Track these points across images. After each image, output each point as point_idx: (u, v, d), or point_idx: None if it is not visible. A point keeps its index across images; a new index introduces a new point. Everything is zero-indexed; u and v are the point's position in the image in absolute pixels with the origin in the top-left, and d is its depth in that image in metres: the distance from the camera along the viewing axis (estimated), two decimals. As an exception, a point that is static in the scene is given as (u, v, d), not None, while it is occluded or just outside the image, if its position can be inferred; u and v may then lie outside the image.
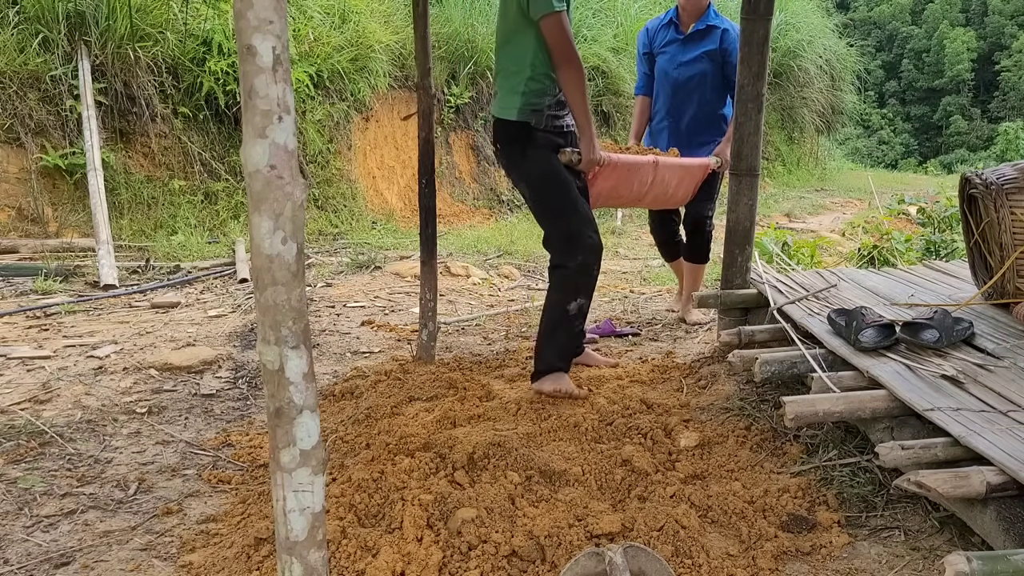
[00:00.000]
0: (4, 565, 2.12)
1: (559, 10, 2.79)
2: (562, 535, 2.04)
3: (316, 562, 1.22)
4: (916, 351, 2.68)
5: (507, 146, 3.08)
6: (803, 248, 5.75)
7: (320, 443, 1.21)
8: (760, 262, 3.86)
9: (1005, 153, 24.09)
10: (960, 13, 40.39)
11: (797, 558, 2.08)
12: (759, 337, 3.22)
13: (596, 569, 1.74)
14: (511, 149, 3.06)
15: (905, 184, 14.35)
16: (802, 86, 13.34)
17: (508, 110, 3.01)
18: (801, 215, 10.16)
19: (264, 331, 1.16)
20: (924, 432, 2.22)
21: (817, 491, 2.36)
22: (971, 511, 1.99)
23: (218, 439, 2.95)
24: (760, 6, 3.37)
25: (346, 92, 7.79)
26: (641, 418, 2.83)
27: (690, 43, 4.22)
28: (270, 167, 1.12)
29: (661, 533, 2.07)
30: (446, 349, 4.01)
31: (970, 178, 3.29)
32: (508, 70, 3.01)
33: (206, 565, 2.07)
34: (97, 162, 6.02)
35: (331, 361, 3.86)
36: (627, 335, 4.23)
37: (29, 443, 2.83)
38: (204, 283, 5.34)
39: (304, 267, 1.18)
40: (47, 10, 6.21)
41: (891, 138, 36.35)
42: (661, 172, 3.67)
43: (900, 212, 8.96)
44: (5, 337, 4.07)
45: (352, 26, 7.80)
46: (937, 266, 4.15)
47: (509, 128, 3.03)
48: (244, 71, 1.10)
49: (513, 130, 3.02)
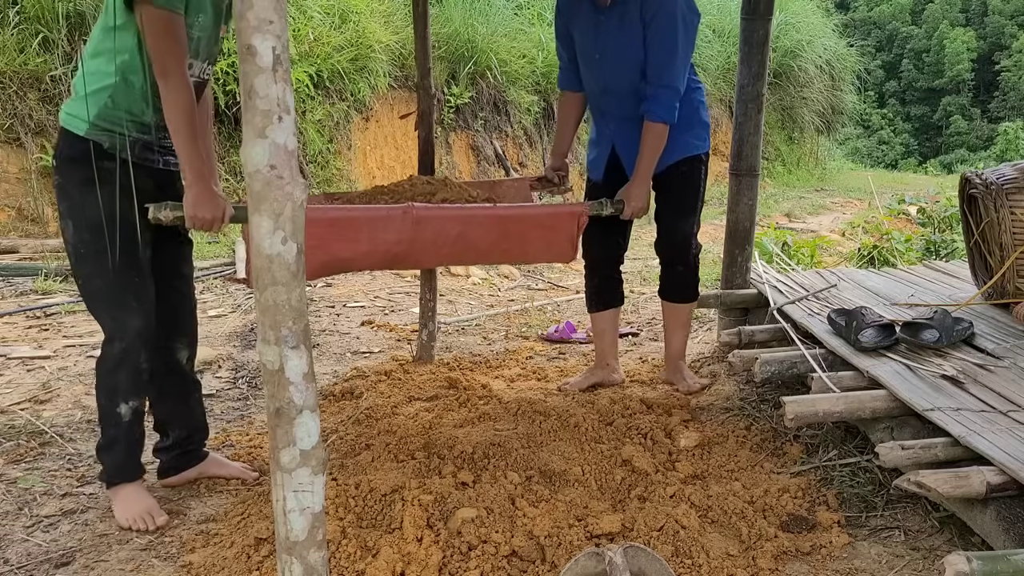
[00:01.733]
0: (4, 565, 2.12)
1: (160, 5, 2.05)
2: (562, 535, 2.04)
3: (316, 562, 1.22)
4: (916, 351, 2.68)
5: (65, 166, 2.22)
6: (803, 248, 5.75)
7: (320, 443, 1.21)
8: (760, 262, 3.86)
9: (1005, 153, 24.09)
10: (960, 13, 40.41)
11: (797, 558, 2.08)
12: (759, 337, 3.22)
13: (596, 569, 1.74)
14: (69, 171, 2.22)
15: (905, 184, 14.35)
16: (802, 86, 13.35)
17: (76, 120, 2.20)
18: (801, 215, 10.16)
19: (264, 331, 1.16)
20: (924, 432, 2.22)
21: (817, 491, 2.36)
22: (971, 511, 1.99)
23: (218, 439, 2.95)
24: (760, 6, 3.37)
25: (346, 92, 7.79)
26: (641, 418, 2.83)
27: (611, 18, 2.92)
28: (270, 167, 1.12)
29: (661, 533, 2.07)
30: (446, 349, 4.01)
31: (970, 178, 3.29)
32: (90, 68, 2.20)
33: (206, 565, 2.07)
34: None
35: (331, 361, 3.86)
36: (627, 335, 4.23)
37: (29, 443, 2.83)
38: (204, 283, 5.33)
39: (304, 267, 1.18)
40: (47, 10, 6.21)
41: (891, 138, 36.35)
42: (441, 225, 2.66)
43: (900, 212, 8.96)
44: (5, 337, 4.07)
45: (352, 26, 7.80)
46: (937, 266, 4.15)
47: (74, 145, 2.20)
48: (244, 71, 1.10)
49: (77, 149, 2.19)
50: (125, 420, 2.31)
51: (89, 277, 2.25)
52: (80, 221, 2.20)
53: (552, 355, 3.94)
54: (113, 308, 2.25)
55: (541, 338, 4.25)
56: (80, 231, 2.21)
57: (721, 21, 12.14)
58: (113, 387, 2.29)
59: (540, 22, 9.89)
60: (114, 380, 2.28)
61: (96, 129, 2.18)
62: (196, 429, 2.58)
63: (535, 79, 9.62)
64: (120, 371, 2.27)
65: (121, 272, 2.21)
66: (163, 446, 2.55)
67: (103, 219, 2.18)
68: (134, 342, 2.25)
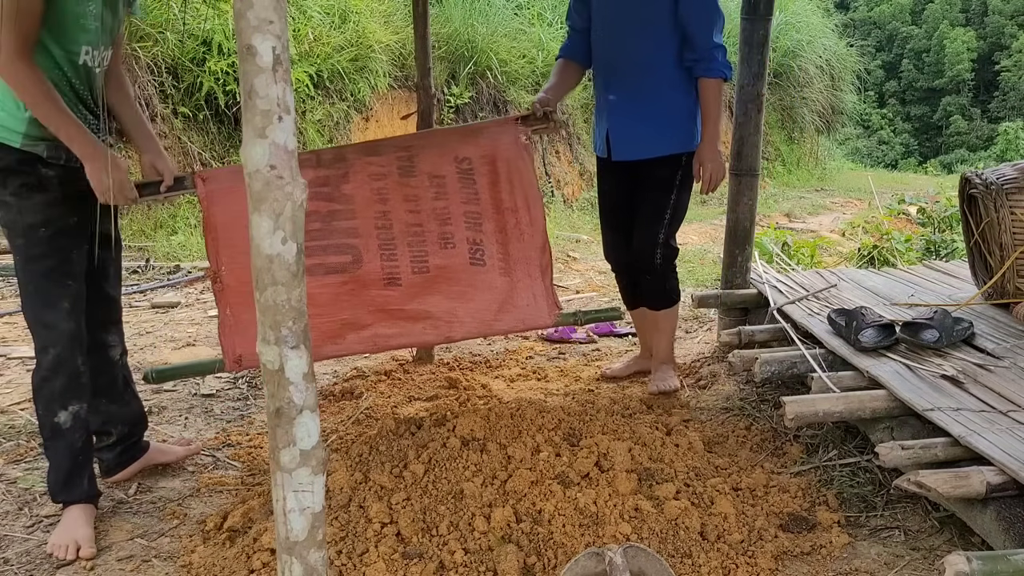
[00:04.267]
0: (4, 565, 2.12)
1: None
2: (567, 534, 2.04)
3: (316, 562, 1.22)
4: (916, 351, 2.69)
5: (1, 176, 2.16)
6: (803, 248, 5.75)
7: (320, 443, 1.21)
8: (760, 262, 3.86)
9: (1005, 153, 24.06)
10: (960, 13, 40.38)
11: (797, 558, 2.08)
12: (759, 337, 3.22)
13: (596, 569, 1.74)
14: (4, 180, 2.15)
15: (905, 184, 14.34)
16: (802, 86, 13.33)
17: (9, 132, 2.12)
18: (801, 215, 10.15)
19: (264, 331, 1.16)
20: (924, 432, 2.22)
21: (817, 491, 2.37)
22: (971, 511, 1.99)
23: (218, 439, 2.95)
24: (760, 6, 3.37)
25: (346, 92, 7.79)
26: (641, 418, 2.83)
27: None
28: (270, 167, 1.12)
29: (661, 533, 2.07)
30: (446, 349, 4.01)
31: (970, 178, 3.29)
32: None
33: (206, 565, 2.07)
34: None
35: (331, 361, 3.86)
36: (626, 335, 4.23)
37: (29, 443, 2.83)
38: (204, 283, 5.33)
39: (304, 267, 1.18)
40: (47, 10, 6.21)
41: (891, 138, 36.33)
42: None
43: (900, 212, 8.95)
44: (5, 337, 4.08)
45: (352, 26, 7.79)
46: (937, 266, 4.15)
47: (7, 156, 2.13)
48: (244, 71, 1.10)
49: (12, 159, 2.13)
50: (65, 427, 2.23)
51: (24, 284, 2.22)
52: (17, 228, 2.17)
53: (552, 355, 3.94)
54: (47, 313, 2.20)
55: (541, 338, 4.25)
56: (15, 238, 2.18)
57: (721, 21, 12.12)
58: (50, 394, 2.23)
59: (540, 22, 9.88)
60: (51, 387, 2.23)
61: (29, 140, 2.13)
62: (136, 422, 2.59)
63: (535, 79, 9.62)
64: (57, 377, 2.22)
65: (56, 277, 2.19)
66: (106, 444, 2.54)
67: (42, 226, 2.15)
68: (68, 346, 2.21)
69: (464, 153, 2.73)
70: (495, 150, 2.75)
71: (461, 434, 2.42)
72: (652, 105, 2.95)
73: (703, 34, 2.86)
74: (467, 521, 2.06)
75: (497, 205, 2.72)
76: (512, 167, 2.75)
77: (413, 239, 2.64)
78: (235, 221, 2.42)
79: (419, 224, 2.65)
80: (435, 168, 2.70)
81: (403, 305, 2.63)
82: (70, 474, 2.27)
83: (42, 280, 2.19)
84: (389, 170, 2.64)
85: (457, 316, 2.66)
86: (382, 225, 2.62)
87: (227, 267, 2.45)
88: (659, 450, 2.50)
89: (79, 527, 2.21)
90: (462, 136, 2.83)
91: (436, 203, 2.68)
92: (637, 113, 2.97)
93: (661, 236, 3.00)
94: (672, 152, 2.98)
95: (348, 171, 2.61)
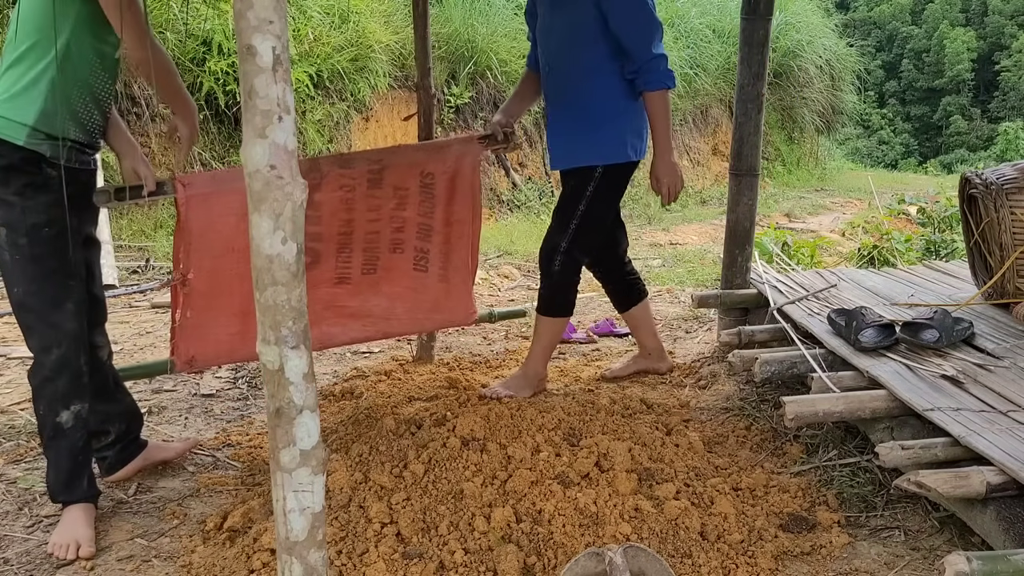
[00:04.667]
0: (4, 565, 2.12)
1: None
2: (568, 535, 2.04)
3: (316, 562, 1.22)
4: (916, 351, 2.69)
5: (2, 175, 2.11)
6: (803, 248, 5.75)
7: (320, 443, 1.21)
8: (760, 262, 3.86)
9: (1005, 153, 24.06)
10: (960, 13, 40.39)
11: (797, 558, 2.08)
12: (759, 337, 3.22)
13: (596, 569, 1.74)
14: (7, 180, 2.11)
15: (905, 184, 14.34)
16: (802, 86, 13.33)
17: (14, 125, 2.08)
18: (801, 215, 10.16)
19: (264, 331, 1.16)
20: (924, 432, 2.22)
21: (817, 491, 2.37)
22: (971, 511, 1.99)
23: (218, 439, 2.95)
24: (760, 6, 3.37)
25: (346, 92, 7.79)
26: (641, 418, 2.83)
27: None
28: (270, 167, 1.12)
29: (661, 533, 2.07)
30: (446, 349, 4.01)
31: (970, 178, 3.29)
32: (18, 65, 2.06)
33: (206, 565, 2.07)
34: (97, 162, 6.00)
35: (331, 361, 3.86)
36: (626, 335, 4.23)
37: (29, 443, 2.83)
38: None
39: (304, 267, 1.18)
40: (47, 10, 6.19)
41: (891, 138, 36.33)
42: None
43: (900, 212, 8.95)
44: (5, 337, 4.07)
45: (352, 26, 7.79)
46: (937, 266, 4.15)
47: (10, 154, 2.08)
48: (244, 71, 1.10)
49: (15, 158, 2.09)
50: (67, 427, 2.23)
51: (24, 284, 2.18)
52: (20, 228, 2.13)
53: (552, 355, 3.93)
54: (53, 314, 2.18)
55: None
56: (17, 238, 2.14)
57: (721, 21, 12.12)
58: (53, 394, 2.21)
59: (540, 22, 9.88)
60: (54, 387, 2.21)
61: (36, 137, 2.08)
62: (132, 418, 2.59)
63: (535, 79, 9.61)
64: (60, 378, 2.20)
65: (59, 278, 2.19)
66: (106, 443, 2.54)
67: (46, 226, 2.13)
68: (72, 345, 2.21)
69: (430, 169, 2.92)
70: (457, 167, 2.97)
71: (461, 434, 2.44)
72: (577, 116, 2.92)
73: (639, 46, 2.81)
74: (467, 521, 2.06)
75: (448, 218, 2.99)
76: (467, 182, 3.00)
77: (368, 244, 2.86)
78: (211, 227, 2.47)
79: (376, 232, 2.87)
80: (401, 181, 2.87)
81: (347, 302, 2.89)
82: (70, 474, 2.27)
83: (46, 280, 2.17)
84: (359, 182, 2.79)
85: (395, 314, 2.99)
86: (344, 231, 2.80)
87: (196, 272, 2.48)
88: (659, 450, 2.51)
89: (79, 527, 2.21)
90: (429, 153, 3.01)
91: (395, 212, 2.88)
92: (561, 124, 3.01)
93: (564, 244, 2.95)
94: (587, 164, 2.92)
95: (321, 181, 2.71)
